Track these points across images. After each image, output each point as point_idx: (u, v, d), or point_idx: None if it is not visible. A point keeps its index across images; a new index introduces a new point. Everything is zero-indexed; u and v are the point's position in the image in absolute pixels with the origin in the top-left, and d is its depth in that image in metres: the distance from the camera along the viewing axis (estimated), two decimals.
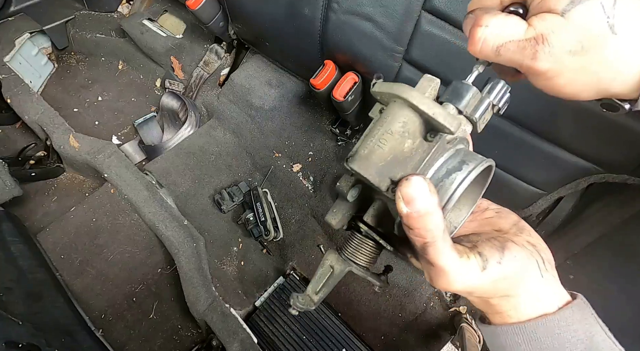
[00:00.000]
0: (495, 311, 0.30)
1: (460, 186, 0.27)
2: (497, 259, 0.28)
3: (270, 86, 1.30)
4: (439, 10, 0.73)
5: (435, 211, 0.25)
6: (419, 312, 1.15)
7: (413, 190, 0.25)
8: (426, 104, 0.27)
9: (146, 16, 1.53)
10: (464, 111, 0.29)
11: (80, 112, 1.47)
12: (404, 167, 0.28)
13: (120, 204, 1.17)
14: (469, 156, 0.29)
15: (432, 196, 0.25)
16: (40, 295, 0.97)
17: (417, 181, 0.25)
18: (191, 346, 1.10)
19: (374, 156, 0.29)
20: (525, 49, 0.27)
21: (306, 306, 0.36)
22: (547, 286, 0.30)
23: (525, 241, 0.30)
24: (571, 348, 0.28)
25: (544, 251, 0.31)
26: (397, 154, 0.28)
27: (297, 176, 1.32)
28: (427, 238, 0.26)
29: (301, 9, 0.93)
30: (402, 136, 0.28)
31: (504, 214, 0.35)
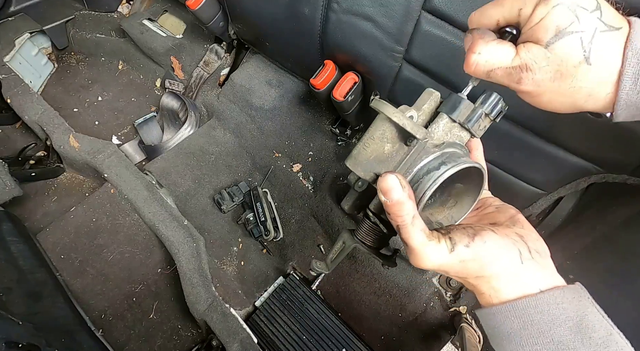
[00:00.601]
0: (478, 291, 0.34)
1: (436, 182, 0.33)
2: (465, 243, 0.32)
3: (270, 86, 1.30)
4: (439, 10, 0.73)
5: (406, 200, 0.31)
6: (419, 312, 1.15)
7: (387, 184, 0.32)
8: (397, 117, 0.34)
9: (146, 16, 1.53)
10: (457, 120, 0.35)
11: (80, 112, 1.47)
12: (386, 165, 0.36)
13: (120, 204, 1.17)
14: (451, 158, 0.34)
15: (404, 189, 0.31)
16: (40, 295, 0.97)
17: (390, 177, 0.32)
18: (191, 346, 1.09)
19: (360, 156, 0.37)
20: (511, 74, 0.33)
21: (322, 270, 0.47)
22: (528, 271, 0.33)
23: (513, 233, 0.34)
24: (559, 323, 0.31)
25: (533, 241, 0.34)
26: (378, 155, 0.36)
27: (297, 176, 1.32)
28: (399, 221, 0.32)
29: (301, 9, 0.93)
30: (382, 141, 0.35)
31: (503, 209, 0.39)
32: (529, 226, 0.36)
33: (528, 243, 0.34)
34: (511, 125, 0.78)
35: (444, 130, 0.36)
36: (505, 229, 0.34)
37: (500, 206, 0.40)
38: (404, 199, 0.31)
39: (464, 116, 0.35)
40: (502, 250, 0.32)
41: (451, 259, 0.32)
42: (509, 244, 0.33)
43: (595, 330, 0.30)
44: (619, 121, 0.34)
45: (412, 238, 0.32)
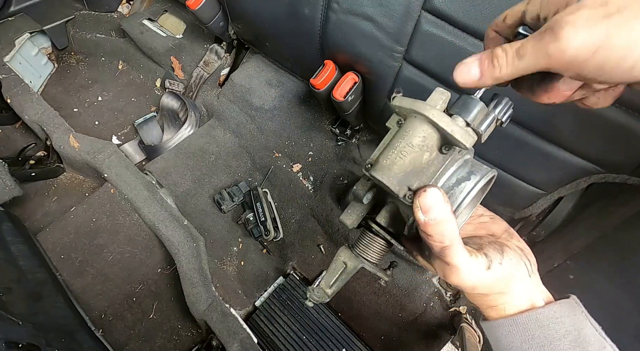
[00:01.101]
0: (490, 305, 0.34)
1: (469, 194, 0.31)
2: (499, 260, 0.32)
3: (270, 86, 1.30)
4: (439, 10, 0.73)
5: (450, 218, 0.29)
6: (419, 312, 1.15)
7: (430, 200, 0.28)
8: (445, 121, 0.30)
9: (146, 16, 1.53)
10: (471, 124, 0.31)
11: (80, 112, 1.47)
12: (420, 177, 0.31)
13: (120, 204, 1.17)
14: (476, 166, 0.32)
15: (447, 205, 0.29)
16: (40, 295, 0.97)
17: (433, 192, 0.28)
18: (191, 346, 1.09)
19: (395, 167, 0.31)
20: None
21: (321, 299, 0.41)
22: (534, 284, 0.34)
23: (515, 246, 0.35)
24: (559, 338, 0.31)
25: (530, 255, 0.35)
26: (416, 165, 0.31)
27: (297, 176, 1.32)
28: (445, 242, 0.29)
29: (301, 9, 0.93)
30: (422, 149, 0.31)
31: (497, 221, 0.40)
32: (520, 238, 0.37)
33: (528, 257, 0.35)
34: (511, 125, 0.78)
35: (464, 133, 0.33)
36: (510, 243, 0.35)
37: (493, 216, 0.41)
38: (448, 217, 0.28)
39: (479, 120, 0.32)
40: (518, 266, 0.33)
41: (487, 277, 0.31)
42: (519, 259, 0.33)
43: (591, 343, 0.31)
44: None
45: (458, 257, 0.30)
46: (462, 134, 0.29)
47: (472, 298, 0.35)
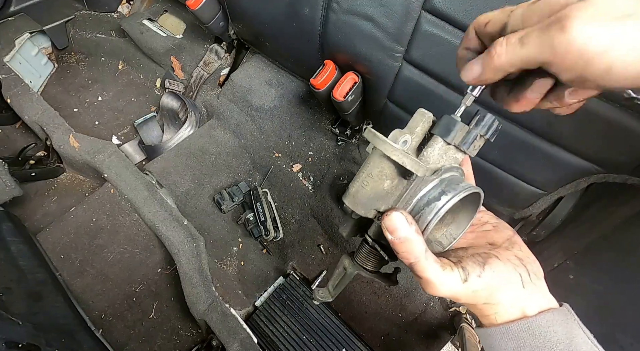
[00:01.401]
0: (482, 314, 0.35)
1: (438, 214, 0.32)
2: (478, 273, 0.32)
3: (270, 86, 1.30)
4: (439, 10, 0.73)
5: (414, 237, 0.31)
6: (419, 312, 1.15)
7: (393, 223, 0.31)
8: (397, 155, 0.33)
9: (146, 16, 1.53)
10: (452, 143, 0.34)
11: (80, 112, 1.47)
12: (386, 201, 0.35)
13: (120, 204, 1.17)
14: (450, 186, 0.34)
15: (410, 226, 0.31)
16: (40, 295, 0.97)
17: (395, 216, 0.31)
18: (191, 346, 1.09)
19: (359, 195, 0.36)
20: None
21: (325, 298, 0.46)
22: (530, 295, 0.33)
23: (513, 256, 0.35)
24: (551, 346, 0.31)
25: (531, 263, 0.35)
26: (378, 191, 0.35)
27: (297, 176, 1.32)
28: (411, 258, 0.31)
29: (301, 9, 0.93)
30: (380, 178, 0.35)
31: (500, 229, 0.39)
32: (524, 247, 0.37)
33: (527, 266, 0.34)
34: (511, 125, 0.78)
35: (439, 153, 0.35)
36: (506, 253, 0.35)
37: (497, 224, 0.40)
38: (412, 237, 0.31)
39: (459, 139, 0.35)
40: (507, 277, 0.33)
41: (464, 289, 0.32)
42: (511, 270, 0.33)
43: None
44: None
45: (426, 271, 0.31)
46: (412, 165, 0.32)
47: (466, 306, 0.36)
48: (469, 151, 0.35)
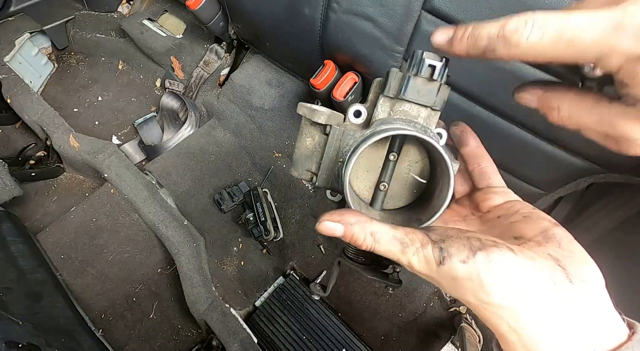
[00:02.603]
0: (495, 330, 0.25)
1: (346, 168, 0.29)
2: (463, 257, 0.24)
3: (270, 86, 1.30)
4: (439, 10, 0.73)
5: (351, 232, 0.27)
6: (419, 312, 1.15)
7: (326, 230, 0.28)
8: (302, 109, 0.33)
9: (146, 16, 1.53)
10: (390, 95, 0.31)
11: (80, 112, 1.47)
12: (313, 159, 0.35)
13: (120, 204, 1.17)
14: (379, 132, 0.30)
15: (340, 226, 0.28)
16: (40, 295, 0.97)
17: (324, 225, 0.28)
18: (191, 346, 1.10)
19: (294, 159, 0.36)
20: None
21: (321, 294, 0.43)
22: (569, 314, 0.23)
23: (544, 254, 0.25)
24: None
25: (574, 265, 0.24)
26: (304, 151, 0.35)
27: None
28: (365, 246, 0.28)
29: (301, 9, 0.93)
30: (303, 138, 0.34)
31: (532, 219, 0.29)
32: (570, 243, 0.26)
33: (567, 268, 0.24)
34: (511, 125, 0.78)
35: (384, 110, 0.32)
36: (533, 249, 0.25)
37: (529, 213, 0.30)
38: (349, 232, 0.28)
39: (396, 88, 0.31)
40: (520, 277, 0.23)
41: (440, 273, 0.25)
42: (533, 269, 0.23)
43: None
44: None
45: (385, 252, 0.27)
46: (312, 113, 0.32)
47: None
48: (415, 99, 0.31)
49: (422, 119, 0.32)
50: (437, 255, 0.25)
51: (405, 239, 0.27)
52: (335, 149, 0.33)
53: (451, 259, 0.25)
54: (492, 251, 0.24)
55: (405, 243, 0.26)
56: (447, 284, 0.26)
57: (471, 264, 0.24)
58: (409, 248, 0.26)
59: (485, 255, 0.24)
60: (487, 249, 0.24)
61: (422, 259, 0.26)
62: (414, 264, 0.26)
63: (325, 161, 0.34)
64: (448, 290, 0.26)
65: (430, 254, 0.25)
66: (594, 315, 0.23)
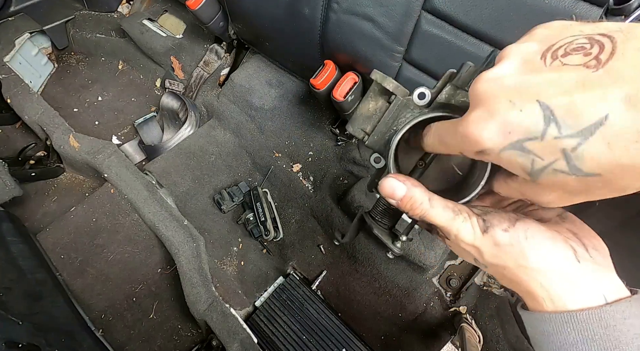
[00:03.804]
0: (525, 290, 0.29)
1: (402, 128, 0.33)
2: (504, 226, 0.28)
3: (270, 86, 1.30)
4: (439, 10, 0.73)
5: (413, 193, 0.31)
6: (419, 312, 1.15)
7: (387, 189, 0.31)
8: (376, 74, 0.36)
9: (146, 16, 1.53)
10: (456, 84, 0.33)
11: (80, 112, 1.47)
12: (371, 121, 0.38)
13: (120, 204, 1.17)
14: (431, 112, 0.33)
15: (403, 186, 0.31)
16: (40, 295, 0.97)
17: (388, 181, 0.31)
18: (191, 346, 1.09)
19: (354, 116, 0.38)
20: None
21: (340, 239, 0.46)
22: (587, 273, 0.28)
23: (565, 229, 0.30)
24: (627, 342, 0.27)
25: (589, 238, 0.30)
26: (364, 112, 0.38)
27: (297, 176, 1.32)
28: (418, 212, 0.31)
29: (301, 9, 0.93)
30: (367, 100, 0.38)
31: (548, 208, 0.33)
32: (582, 223, 0.31)
33: (584, 240, 0.29)
34: None
35: (447, 97, 0.34)
36: (555, 226, 0.30)
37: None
38: (410, 193, 0.30)
39: (465, 80, 0.33)
40: (551, 244, 0.28)
41: (485, 241, 0.29)
42: (559, 240, 0.28)
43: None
44: None
45: (437, 218, 0.30)
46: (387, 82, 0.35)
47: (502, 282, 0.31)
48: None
49: None
50: (481, 225, 0.29)
51: (455, 209, 0.30)
52: (393, 118, 0.36)
53: (494, 228, 0.29)
54: (528, 222, 0.29)
55: (457, 211, 0.30)
56: (488, 250, 0.29)
57: (512, 233, 0.28)
58: (459, 216, 0.29)
59: (524, 226, 0.28)
60: (523, 220, 0.29)
61: (468, 227, 0.29)
62: (461, 231, 0.29)
63: (381, 125, 0.37)
64: (487, 257, 0.29)
65: (477, 224, 0.29)
66: (604, 276, 0.28)
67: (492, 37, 0.70)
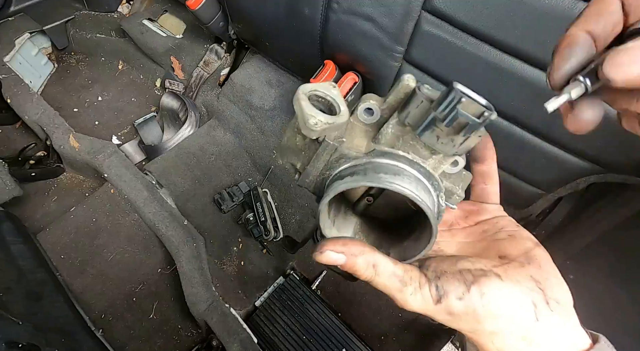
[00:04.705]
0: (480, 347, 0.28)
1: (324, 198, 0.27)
2: (459, 294, 0.26)
3: (270, 86, 1.30)
4: (439, 10, 0.73)
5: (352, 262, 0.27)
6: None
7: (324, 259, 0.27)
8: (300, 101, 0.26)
9: (146, 16, 1.53)
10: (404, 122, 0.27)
11: (80, 112, 1.47)
12: (299, 158, 0.31)
13: (120, 204, 1.17)
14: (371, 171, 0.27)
15: (342, 256, 0.27)
16: (40, 295, 0.97)
17: (324, 254, 0.27)
18: (191, 346, 1.09)
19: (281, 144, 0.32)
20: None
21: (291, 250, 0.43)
22: (544, 330, 0.26)
23: (527, 277, 0.27)
24: None
25: (552, 287, 0.27)
26: (292, 145, 0.31)
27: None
28: (362, 278, 0.27)
29: (301, 9, 0.93)
30: (294, 132, 0.31)
31: (516, 239, 0.31)
32: (548, 263, 0.29)
33: (545, 291, 0.27)
34: (511, 125, 0.79)
35: (394, 133, 0.28)
36: (517, 271, 0.27)
37: (514, 232, 0.32)
38: (350, 263, 0.27)
39: (414, 118, 0.26)
40: (508, 304, 0.26)
41: (437, 309, 0.27)
42: (519, 295, 0.26)
43: None
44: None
45: (382, 286, 0.27)
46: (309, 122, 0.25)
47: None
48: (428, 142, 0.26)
49: (432, 163, 0.28)
50: (434, 294, 0.27)
51: (405, 277, 0.27)
52: (324, 162, 0.29)
53: (448, 297, 0.26)
54: (484, 282, 0.26)
55: (405, 281, 0.27)
56: (442, 318, 0.27)
57: (467, 300, 0.26)
58: (407, 287, 0.27)
59: (479, 289, 0.26)
60: (479, 281, 0.26)
61: (419, 298, 0.27)
62: (411, 302, 0.27)
63: (311, 169, 0.30)
64: (442, 322, 0.28)
65: (428, 294, 0.27)
66: (564, 331, 0.27)
67: (492, 37, 0.70)
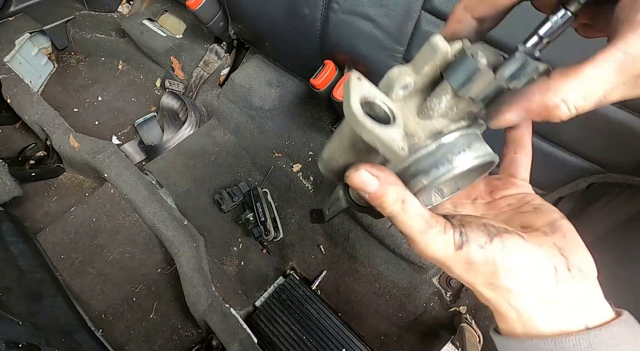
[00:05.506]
0: (495, 309, 0.27)
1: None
2: (481, 243, 0.25)
3: (270, 86, 1.30)
4: (439, 10, 0.73)
5: (383, 191, 0.25)
6: (419, 312, 1.15)
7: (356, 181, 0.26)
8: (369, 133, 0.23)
9: (146, 16, 1.53)
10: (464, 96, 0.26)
11: (80, 112, 1.47)
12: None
13: (120, 204, 1.17)
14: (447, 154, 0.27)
15: (375, 180, 0.25)
16: (40, 295, 0.97)
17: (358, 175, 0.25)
18: (191, 346, 1.10)
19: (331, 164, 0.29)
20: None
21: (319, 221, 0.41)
22: (566, 295, 0.25)
23: (550, 243, 0.26)
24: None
25: (575, 255, 0.26)
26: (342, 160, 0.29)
27: (297, 176, 1.32)
28: (387, 212, 0.26)
29: (301, 9, 0.93)
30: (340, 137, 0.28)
31: (543, 211, 0.30)
32: (573, 235, 0.28)
33: (568, 258, 0.26)
34: None
35: (447, 106, 0.27)
36: (540, 238, 0.27)
37: (540, 205, 0.31)
38: (381, 191, 0.25)
39: (476, 91, 0.25)
40: (529, 261, 0.25)
41: (457, 257, 0.26)
42: (540, 256, 0.25)
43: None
44: None
45: (406, 225, 0.26)
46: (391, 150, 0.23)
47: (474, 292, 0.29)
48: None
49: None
50: (457, 239, 0.26)
51: (431, 219, 0.26)
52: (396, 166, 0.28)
53: (470, 244, 0.25)
54: (506, 237, 0.25)
55: (431, 223, 0.26)
56: (460, 268, 0.26)
57: (488, 250, 0.25)
58: (432, 228, 0.26)
59: (501, 241, 0.25)
60: (502, 235, 0.25)
61: (441, 242, 0.26)
62: (432, 246, 0.26)
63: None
64: (457, 272, 0.27)
65: (451, 239, 0.26)
66: (586, 299, 0.25)
67: (492, 37, 0.70)
